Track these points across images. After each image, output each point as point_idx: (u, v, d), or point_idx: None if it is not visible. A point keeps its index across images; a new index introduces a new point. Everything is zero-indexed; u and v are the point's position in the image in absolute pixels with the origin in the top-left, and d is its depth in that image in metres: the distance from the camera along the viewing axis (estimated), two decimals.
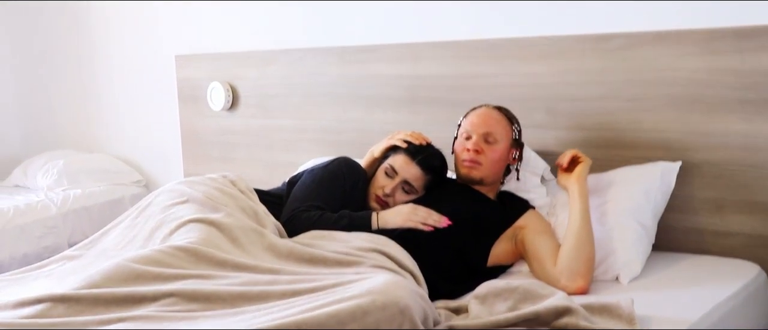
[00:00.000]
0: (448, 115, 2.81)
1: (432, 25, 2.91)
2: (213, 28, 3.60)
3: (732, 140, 2.29)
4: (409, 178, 2.33)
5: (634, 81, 2.43)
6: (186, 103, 3.66)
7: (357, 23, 3.12)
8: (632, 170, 2.37)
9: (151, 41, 3.86)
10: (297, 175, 2.47)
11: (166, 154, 3.87)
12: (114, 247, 2.14)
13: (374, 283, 1.60)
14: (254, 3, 3.43)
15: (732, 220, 2.31)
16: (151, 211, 2.20)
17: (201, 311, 1.64)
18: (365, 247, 1.95)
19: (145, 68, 3.91)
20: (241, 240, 1.99)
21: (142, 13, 3.86)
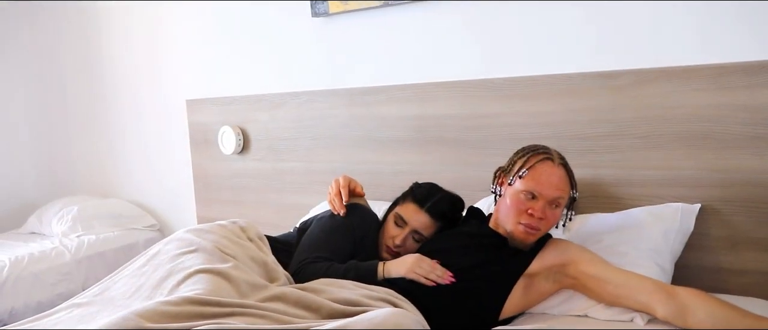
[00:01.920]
0: (458, 155, 2.81)
1: (440, 64, 2.91)
2: (223, 73, 3.63)
3: (744, 177, 2.26)
4: (418, 227, 2.31)
5: (644, 118, 2.42)
6: (198, 147, 3.68)
7: (365, 64, 3.13)
8: (650, 211, 2.34)
9: (163, 86, 3.89)
10: (307, 221, 2.46)
11: (179, 197, 3.89)
12: (121, 295, 2.13)
13: (377, 313, 1.60)
14: (263, 46, 3.45)
15: (747, 258, 2.28)
16: (160, 260, 2.20)
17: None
18: (375, 296, 1.94)
19: (157, 113, 3.94)
20: (248, 292, 1.98)
21: (154, 58, 3.90)
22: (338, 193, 2.38)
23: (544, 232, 2.12)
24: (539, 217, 2.06)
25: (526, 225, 2.08)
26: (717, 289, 2.31)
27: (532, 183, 2.08)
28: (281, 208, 3.38)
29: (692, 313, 1.90)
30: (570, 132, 2.55)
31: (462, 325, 2.02)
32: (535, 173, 2.08)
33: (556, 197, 2.07)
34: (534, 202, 2.08)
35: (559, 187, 2.08)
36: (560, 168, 2.11)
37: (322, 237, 2.29)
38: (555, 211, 2.09)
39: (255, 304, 1.88)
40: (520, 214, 2.09)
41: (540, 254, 2.13)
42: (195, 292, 1.90)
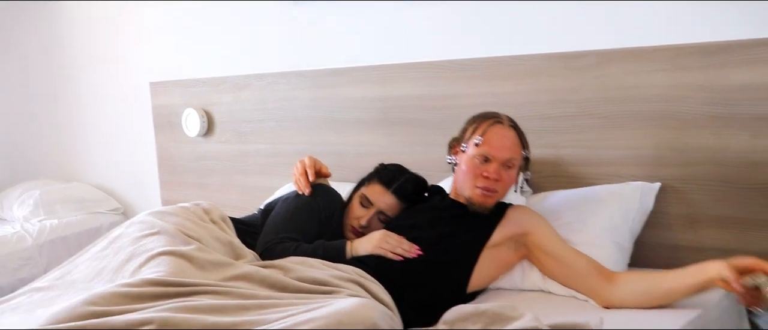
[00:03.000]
0: (422, 136, 2.83)
1: (403, 46, 2.92)
2: (187, 55, 3.61)
3: (702, 155, 2.30)
4: (384, 208, 2.32)
5: (606, 98, 2.44)
6: (161, 129, 3.65)
7: (329, 46, 3.13)
8: (609, 189, 2.38)
9: (126, 69, 3.86)
10: (272, 202, 2.46)
11: (143, 181, 3.87)
12: (82, 279, 2.11)
13: (342, 305, 1.60)
14: (227, 28, 3.43)
15: (705, 235, 2.32)
16: (122, 243, 2.18)
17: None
18: (344, 276, 1.95)
19: (120, 96, 3.90)
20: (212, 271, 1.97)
21: (117, 40, 3.86)
22: (304, 173, 2.38)
23: (501, 194, 2.17)
24: (495, 178, 2.12)
25: (482, 188, 2.13)
26: (675, 266, 2.32)
27: (484, 146, 2.14)
28: (246, 190, 3.37)
29: (619, 295, 2.01)
30: (533, 112, 2.57)
31: (432, 300, 2.04)
32: (487, 137, 2.14)
33: (508, 158, 2.14)
34: (488, 165, 2.13)
35: (510, 148, 2.14)
36: (510, 130, 2.18)
37: (287, 217, 2.28)
38: (509, 171, 2.15)
39: (219, 283, 1.87)
40: (476, 178, 2.14)
41: (501, 224, 2.18)
42: (157, 274, 1.88)
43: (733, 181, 2.26)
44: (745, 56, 2.20)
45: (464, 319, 1.79)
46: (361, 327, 1.54)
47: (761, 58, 2.18)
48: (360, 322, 1.54)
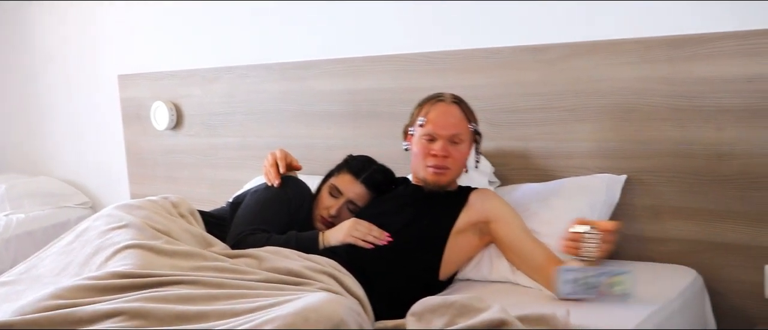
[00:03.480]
0: (391, 129, 2.83)
1: (372, 39, 2.92)
2: (155, 47, 3.58)
3: (667, 148, 2.33)
4: (353, 197, 2.33)
5: (573, 91, 2.46)
6: (130, 122, 3.63)
7: (298, 39, 3.12)
8: (576, 181, 2.40)
9: (94, 61, 3.82)
10: (241, 195, 2.45)
11: (112, 174, 3.84)
12: (49, 273, 2.09)
13: (309, 300, 1.59)
14: (196, 21, 3.41)
15: (669, 227, 2.35)
16: (88, 237, 2.16)
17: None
18: (318, 268, 1.95)
19: (88, 88, 3.86)
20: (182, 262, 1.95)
21: (85, 32, 3.82)
22: (274, 165, 2.38)
23: (455, 170, 2.21)
24: (443, 155, 2.16)
25: (433, 166, 2.18)
26: (640, 257, 2.38)
27: (428, 126, 2.19)
28: (216, 183, 3.36)
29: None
30: (501, 105, 2.59)
31: (405, 289, 2.05)
32: (430, 116, 2.20)
33: (453, 134, 2.18)
34: (434, 143, 2.18)
35: (454, 124, 2.18)
36: (453, 106, 2.21)
37: (257, 209, 2.28)
38: (458, 147, 2.19)
39: (188, 272, 1.85)
40: (426, 157, 2.19)
41: (465, 209, 2.20)
42: (124, 267, 1.87)
43: (697, 173, 2.29)
44: (710, 49, 2.23)
45: (432, 310, 1.80)
46: (328, 325, 1.53)
47: (725, 52, 2.21)
48: (327, 319, 1.53)
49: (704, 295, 2.25)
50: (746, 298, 2.27)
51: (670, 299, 2.04)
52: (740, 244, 2.25)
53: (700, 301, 2.22)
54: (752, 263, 2.24)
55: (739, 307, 2.28)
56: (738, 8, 2.22)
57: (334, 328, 1.53)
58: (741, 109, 2.21)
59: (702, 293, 2.24)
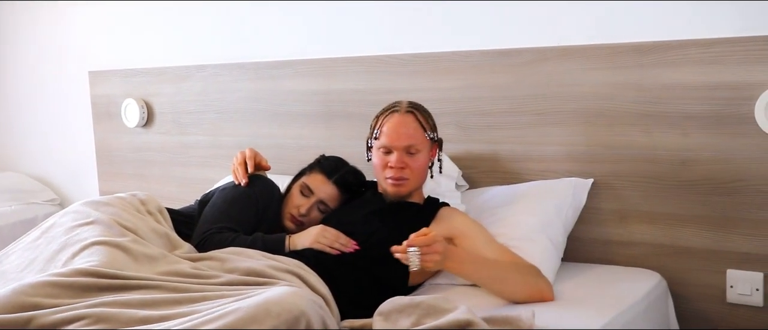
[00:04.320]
0: (363, 131, 2.81)
1: (345, 40, 2.92)
2: (127, 44, 3.56)
3: (634, 153, 2.36)
4: (324, 198, 2.33)
5: (543, 95, 2.49)
6: (100, 119, 3.61)
7: (272, 38, 3.12)
8: (543, 185, 2.43)
9: (64, 57, 3.79)
10: (209, 193, 2.45)
11: (81, 171, 3.81)
12: (14, 269, 2.07)
13: (271, 293, 1.61)
14: (169, 18, 3.40)
15: (635, 231, 2.38)
16: (55, 233, 2.15)
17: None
18: (282, 267, 1.95)
19: (58, 84, 3.83)
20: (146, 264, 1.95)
21: (56, 28, 3.79)
22: (242, 163, 2.38)
23: (415, 180, 2.22)
24: (399, 167, 2.17)
25: (391, 178, 2.20)
26: (606, 261, 2.42)
27: (382, 138, 2.21)
28: (186, 182, 3.35)
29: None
30: (471, 108, 2.61)
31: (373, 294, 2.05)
32: (383, 129, 2.22)
33: (407, 145, 2.19)
34: (391, 155, 2.20)
35: (408, 134, 2.19)
36: (408, 116, 2.22)
37: (224, 207, 2.28)
38: (415, 157, 2.20)
39: (151, 276, 1.86)
40: (384, 169, 2.21)
41: (434, 223, 2.20)
42: (90, 264, 1.86)
43: (663, 177, 2.32)
44: (676, 56, 2.26)
45: (399, 310, 1.81)
46: (289, 316, 1.55)
47: (690, 59, 2.25)
48: (287, 311, 1.55)
49: (668, 298, 2.29)
50: (709, 302, 2.30)
51: (634, 302, 2.08)
52: (703, 248, 2.29)
53: (663, 305, 2.25)
54: (715, 267, 2.28)
55: (701, 310, 2.31)
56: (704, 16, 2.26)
57: (295, 320, 1.54)
58: (705, 115, 2.25)
59: (665, 297, 2.28)
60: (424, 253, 1.90)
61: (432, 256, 1.90)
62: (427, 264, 1.91)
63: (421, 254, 1.88)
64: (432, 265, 1.92)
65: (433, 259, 1.91)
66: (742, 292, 2.24)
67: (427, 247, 1.89)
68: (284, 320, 1.56)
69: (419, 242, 1.90)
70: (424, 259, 1.89)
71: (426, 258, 1.90)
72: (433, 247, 1.90)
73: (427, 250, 1.90)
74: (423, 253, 1.89)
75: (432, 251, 1.90)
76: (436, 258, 1.91)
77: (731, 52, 2.19)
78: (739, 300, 2.25)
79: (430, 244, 1.89)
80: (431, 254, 1.90)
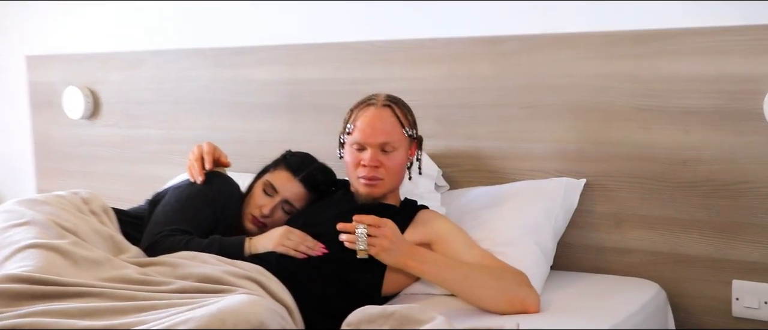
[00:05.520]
0: (333, 124, 2.79)
1: (313, 25, 2.91)
2: (70, 26, 3.53)
3: (630, 150, 2.36)
4: (290, 197, 2.32)
5: (530, 87, 2.48)
6: (39, 109, 3.59)
7: (233, 22, 3.10)
8: (532, 185, 2.42)
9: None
10: (161, 192, 2.43)
11: (16, 167, 3.79)
12: None
13: (227, 302, 1.60)
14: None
15: (632, 236, 2.38)
16: None
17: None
18: (241, 273, 1.93)
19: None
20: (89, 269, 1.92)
21: None
22: (199, 159, 2.36)
23: (390, 180, 2.20)
24: (373, 165, 2.15)
25: (363, 178, 2.17)
26: (600, 270, 2.41)
27: (356, 134, 2.19)
28: (136, 180, 3.33)
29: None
30: (452, 100, 2.60)
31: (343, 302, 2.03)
32: (358, 123, 2.19)
33: (382, 142, 2.16)
34: (364, 153, 2.17)
35: (384, 130, 2.16)
36: (384, 110, 2.19)
37: (177, 207, 2.26)
38: (391, 155, 2.17)
39: (94, 283, 1.83)
40: (356, 168, 2.19)
41: (411, 227, 2.18)
42: (23, 269, 1.84)
43: (662, 178, 2.32)
44: (678, 46, 2.26)
45: (370, 321, 1.79)
46: (246, 326, 1.54)
47: (695, 49, 2.24)
48: (245, 322, 1.54)
49: (667, 311, 2.29)
50: (712, 316, 2.30)
51: (629, 314, 2.07)
52: (706, 256, 2.29)
53: (662, 318, 2.25)
54: (719, 277, 2.28)
55: (704, 324, 2.31)
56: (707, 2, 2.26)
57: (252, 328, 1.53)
58: (708, 111, 2.25)
59: (665, 309, 2.27)
60: (372, 234, 1.91)
61: (380, 241, 1.92)
62: (374, 249, 1.92)
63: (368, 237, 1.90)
64: (378, 249, 1.93)
65: (381, 244, 1.92)
66: (748, 304, 2.24)
67: (375, 228, 1.90)
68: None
69: (367, 220, 1.91)
70: (370, 241, 1.91)
71: (372, 241, 1.91)
72: (383, 230, 1.91)
73: (376, 231, 1.91)
74: (370, 233, 1.90)
75: (380, 234, 1.91)
76: (385, 243, 1.92)
77: (737, 41, 2.19)
78: (745, 313, 2.25)
79: (379, 226, 1.90)
80: (380, 238, 1.91)
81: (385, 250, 1.94)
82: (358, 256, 1.95)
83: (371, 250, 1.94)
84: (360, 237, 1.92)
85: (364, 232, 1.92)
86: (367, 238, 1.93)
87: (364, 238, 1.92)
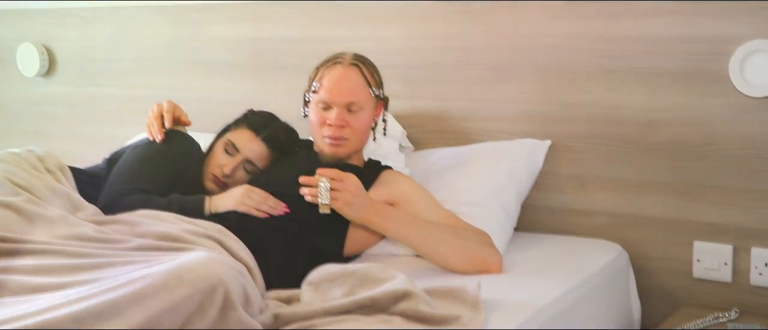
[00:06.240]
0: (297, 84, 2.82)
1: None
2: None
3: (596, 112, 2.42)
4: (252, 156, 2.34)
5: (497, 47, 2.53)
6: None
7: None
8: (496, 146, 2.48)
9: None
10: (119, 151, 2.44)
11: None
12: None
13: (185, 259, 1.60)
14: None
15: (596, 198, 2.45)
16: None
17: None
18: (200, 232, 1.96)
19: None
20: (44, 227, 1.95)
21: None
22: (159, 117, 2.38)
23: (355, 140, 2.24)
24: (339, 125, 2.19)
25: (329, 137, 2.21)
26: (564, 231, 2.48)
27: (321, 92, 2.22)
28: (94, 140, 3.33)
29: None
30: (418, 61, 2.64)
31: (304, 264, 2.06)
32: (324, 82, 2.22)
33: (349, 101, 2.20)
34: (330, 112, 2.20)
35: (350, 90, 2.20)
36: (351, 69, 2.23)
37: (136, 166, 2.28)
38: (357, 115, 2.21)
39: (49, 240, 1.85)
40: (321, 127, 2.22)
41: (374, 187, 2.22)
42: None
43: (627, 140, 2.39)
44: (645, 5, 2.32)
45: (331, 280, 1.84)
46: (205, 284, 1.55)
47: (662, 8, 2.30)
48: (203, 278, 1.55)
49: (629, 272, 2.36)
50: (673, 277, 2.38)
51: (590, 275, 2.14)
52: (669, 218, 2.36)
53: (624, 279, 2.33)
54: (681, 239, 2.36)
55: (665, 286, 2.39)
56: None
57: (211, 289, 1.55)
58: (675, 72, 2.31)
59: (626, 270, 2.35)
60: (335, 188, 1.95)
61: (342, 195, 1.97)
62: (336, 203, 1.97)
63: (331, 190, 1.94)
64: (341, 203, 1.98)
65: (344, 198, 1.97)
66: (709, 266, 2.33)
67: (338, 182, 1.95)
68: (199, 289, 1.55)
69: (330, 174, 1.95)
70: (333, 195, 1.95)
71: (335, 194, 1.96)
72: (346, 183, 1.96)
73: (339, 185, 1.96)
74: (333, 187, 1.95)
75: (343, 188, 1.96)
76: (347, 197, 1.97)
77: (704, 3, 2.26)
78: (706, 275, 2.34)
79: (342, 180, 1.95)
80: (342, 192, 1.96)
81: (348, 205, 1.99)
82: (321, 211, 1.98)
83: (334, 204, 1.98)
84: (322, 191, 1.96)
85: (326, 185, 1.96)
86: (330, 193, 1.97)
87: (326, 191, 1.96)
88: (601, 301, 2.15)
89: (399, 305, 1.72)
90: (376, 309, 1.73)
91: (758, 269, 2.27)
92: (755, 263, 2.28)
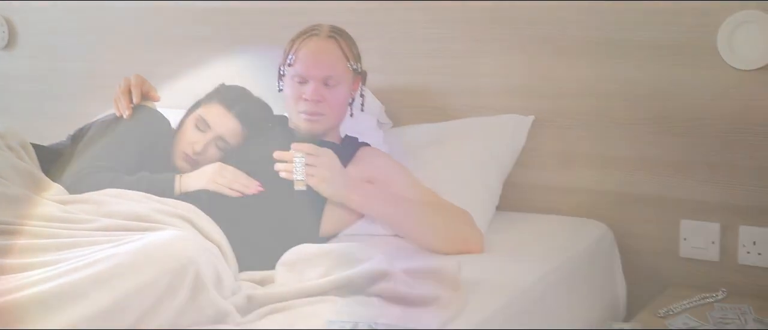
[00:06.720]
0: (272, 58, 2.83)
1: None
2: None
3: (580, 87, 2.42)
4: (224, 133, 2.33)
5: (477, 19, 2.53)
6: None
7: None
8: (477, 122, 2.48)
9: None
10: (84, 127, 2.43)
11: None
12: None
13: (154, 237, 1.61)
14: None
15: (580, 176, 2.46)
16: None
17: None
18: (169, 211, 1.95)
19: None
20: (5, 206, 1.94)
21: None
22: (126, 92, 2.36)
23: (332, 116, 2.22)
24: (315, 100, 2.17)
25: (305, 112, 2.19)
26: (547, 210, 2.49)
27: (297, 65, 2.20)
28: (57, 117, 3.28)
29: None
30: (396, 32, 2.64)
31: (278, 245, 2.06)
32: (300, 54, 2.21)
33: (326, 75, 2.18)
34: (306, 86, 2.19)
35: (327, 63, 2.19)
36: (329, 41, 2.22)
37: (103, 143, 2.26)
38: (334, 90, 2.20)
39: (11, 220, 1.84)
40: (297, 102, 2.21)
41: (352, 165, 2.21)
42: None
43: (612, 115, 2.40)
44: None
45: (306, 260, 1.84)
46: (175, 263, 1.55)
47: None
48: (173, 258, 1.55)
49: (614, 251, 2.38)
50: (660, 256, 2.40)
51: (574, 255, 2.15)
52: (655, 196, 2.38)
53: (609, 259, 2.34)
54: (667, 218, 2.37)
55: (651, 265, 2.41)
56: None
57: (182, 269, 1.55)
58: (663, 44, 2.32)
59: (611, 249, 2.36)
60: (310, 163, 1.95)
61: (319, 170, 1.97)
62: (312, 179, 1.97)
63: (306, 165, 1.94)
64: (318, 180, 1.98)
65: (321, 174, 1.98)
66: (696, 245, 2.34)
67: (314, 157, 1.95)
68: (169, 269, 1.55)
69: (306, 149, 1.95)
70: (309, 171, 1.96)
71: (311, 170, 1.96)
72: (322, 159, 1.97)
73: (315, 160, 1.96)
74: (308, 163, 1.95)
75: (319, 164, 1.97)
76: (324, 173, 1.98)
77: None
78: (693, 254, 2.36)
79: (318, 155, 1.95)
80: (318, 168, 1.96)
81: (325, 181, 1.99)
82: (296, 188, 1.98)
83: (310, 180, 1.98)
84: (298, 166, 1.95)
85: (302, 161, 1.96)
86: (306, 168, 1.97)
87: (302, 167, 1.95)
88: (585, 281, 2.16)
89: (377, 286, 1.72)
90: (353, 289, 1.73)
91: (746, 247, 2.29)
92: (743, 241, 2.29)
